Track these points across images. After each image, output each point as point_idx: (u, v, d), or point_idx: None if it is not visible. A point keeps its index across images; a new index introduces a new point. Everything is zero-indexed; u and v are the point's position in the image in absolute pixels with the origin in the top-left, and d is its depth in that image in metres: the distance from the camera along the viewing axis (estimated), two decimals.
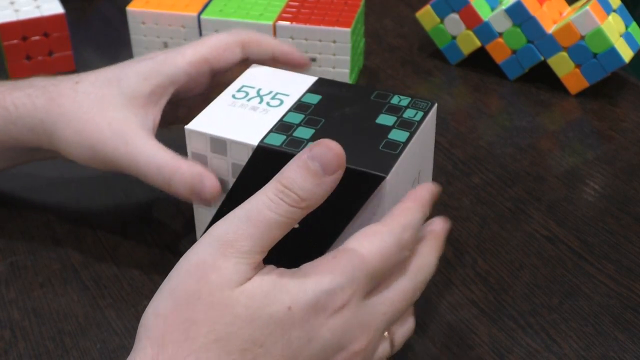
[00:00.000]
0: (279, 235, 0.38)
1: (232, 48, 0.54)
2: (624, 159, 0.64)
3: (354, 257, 0.38)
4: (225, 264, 0.37)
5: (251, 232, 0.37)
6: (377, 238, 0.39)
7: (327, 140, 0.39)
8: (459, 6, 0.74)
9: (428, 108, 0.51)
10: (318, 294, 0.37)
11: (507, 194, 0.60)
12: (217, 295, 0.36)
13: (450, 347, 0.48)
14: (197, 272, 0.37)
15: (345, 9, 0.70)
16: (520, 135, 0.67)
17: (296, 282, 0.37)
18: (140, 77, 0.52)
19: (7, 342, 0.48)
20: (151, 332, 0.37)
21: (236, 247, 0.37)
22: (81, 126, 0.51)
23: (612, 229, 0.57)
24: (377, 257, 0.39)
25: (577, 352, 0.47)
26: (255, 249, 0.38)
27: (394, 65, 0.78)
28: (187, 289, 0.37)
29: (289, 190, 0.38)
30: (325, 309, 0.37)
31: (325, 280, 0.37)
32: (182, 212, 0.58)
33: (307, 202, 0.38)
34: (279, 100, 0.52)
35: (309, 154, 0.39)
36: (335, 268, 0.38)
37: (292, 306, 0.37)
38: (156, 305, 0.38)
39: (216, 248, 0.37)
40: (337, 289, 0.38)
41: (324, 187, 0.39)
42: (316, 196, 0.39)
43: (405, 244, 0.40)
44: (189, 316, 0.36)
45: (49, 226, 0.57)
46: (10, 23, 0.71)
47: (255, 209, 0.38)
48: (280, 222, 0.38)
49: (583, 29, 0.69)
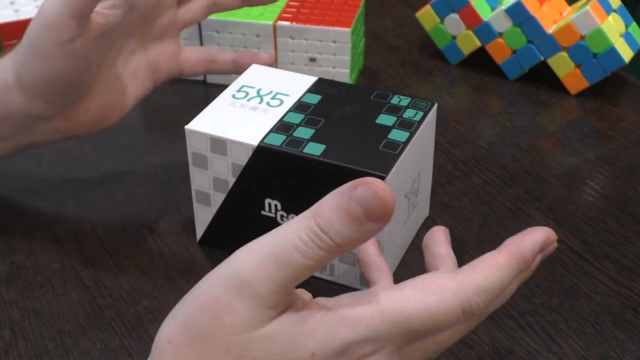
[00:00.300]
0: (303, 278, 0.33)
1: None
2: (624, 159, 0.64)
3: (399, 311, 0.34)
4: (240, 306, 0.33)
5: (273, 273, 0.32)
6: (437, 296, 0.34)
7: (376, 182, 0.32)
8: (459, 6, 0.74)
9: (428, 108, 0.51)
10: (346, 343, 0.33)
11: (507, 194, 0.60)
12: (232, 339, 0.33)
13: (450, 347, 0.48)
14: (211, 311, 0.33)
15: (345, 9, 0.70)
16: (521, 135, 0.67)
17: (327, 327, 0.33)
18: None
19: (7, 342, 0.48)
20: (164, 356, 0.34)
21: (254, 288, 0.33)
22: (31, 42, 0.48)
23: (612, 229, 0.57)
24: (426, 318, 0.34)
25: (577, 352, 0.47)
26: (276, 291, 0.33)
27: (394, 65, 0.78)
28: (200, 325, 0.33)
29: (324, 235, 0.32)
30: (349, 355, 0.34)
31: (360, 330, 0.33)
32: (182, 212, 0.58)
33: (341, 249, 0.32)
34: (279, 100, 0.52)
35: (353, 195, 0.32)
36: (374, 318, 0.33)
37: (316, 353, 0.33)
38: (170, 330, 0.34)
39: (232, 285, 0.33)
40: (368, 339, 0.34)
41: (363, 234, 0.32)
42: (352, 243, 0.32)
43: (471, 311, 0.34)
44: (202, 352, 0.33)
45: (49, 226, 0.57)
46: (10, 23, 0.71)
47: (283, 248, 0.32)
48: (309, 266, 0.32)
49: (583, 29, 0.69)
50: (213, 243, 0.54)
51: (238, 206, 0.51)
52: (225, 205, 0.51)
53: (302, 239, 0.32)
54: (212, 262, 0.53)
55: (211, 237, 0.54)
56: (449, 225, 0.57)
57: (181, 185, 0.60)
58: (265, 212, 0.50)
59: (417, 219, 0.55)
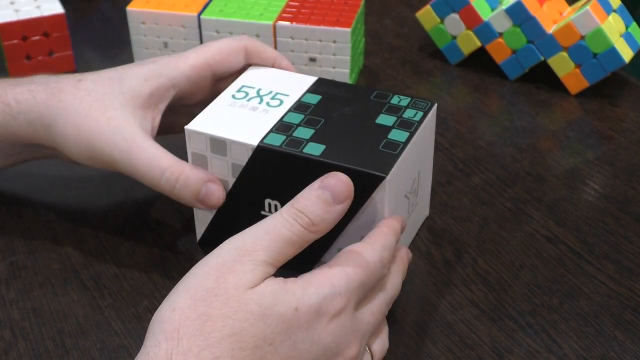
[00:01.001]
0: (291, 253, 0.41)
1: (235, 54, 0.55)
2: (624, 159, 0.64)
3: (347, 268, 0.42)
4: (242, 268, 0.39)
5: (268, 244, 0.40)
6: (364, 255, 0.43)
7: (338, 173, 0.44)
8: (459, 6, 0.74)
9: (428, 108, 0.51)
10: (321, 299, 0.40)
11: (507, 194, 0.60)
12: (232, 292, 0.38)
13: (450, 347, 0.48)
14: (216, 273, 0.39)
15: (345, 9, 0.70)
16: (520, 135, 0.67)
17: (300, 287, 0.40)
18: (141, 78, 0.52)
19: (7, 342, 0.48)
20: (166, 326, 0.38)
21: (253, 256, 0.40)
22: (80, 121, 0.51)
23: (612, 229, 0.57)
24: (366, 271, 0.42)
25: (577, 352, 0.47)
26: (269, 261, 0.40)
27: (394, 65, 0.78)
28: (205, 286, 0.39)
29: (302, 214, 0.42)
30: (326, 313, 0.40)
31: (326, 287, 0.40)
32: (182, 212, 0.58)
33: (317, 227, 0.42)
34: (279, 101, 0.52)
35: (320, 184, 0.43)
36: (333, 277, 0.41)
37: (299, 307, 0.39)
38: (172, 301, 0.39)
39: (235, 254, 0.40)
40: (335, 295, 0.40)
41: (333, 214, 0.43)
42: (325, 222, 0.42)
43: (385, 262, 0.44)
44: (204, 311, 0.38)
45: (49, 226, 0.57)
46: (10, 23, 0.71)
47: (272, 225, 0.41)
48: (294, 240, 0.41)
49: (583, 29, 0.69)
50: (213, 243, 0.54)
51: (238, 206, 0.51)
52: (225, 206, 0.51)
53: (286, 219, 0.41)
54: None
55: (211, 237, 0.54)
56: (449, 225, 0.57)
57: None
58: (265, 212, 0.50)
59: (417, 219, 0.55)
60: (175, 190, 0.50)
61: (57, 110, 0.51)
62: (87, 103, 0.51)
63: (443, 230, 0.56)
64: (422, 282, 0.52)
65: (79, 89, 0.52)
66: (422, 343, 0.48)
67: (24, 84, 0.53)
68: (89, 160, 0.52)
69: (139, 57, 0.73)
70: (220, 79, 0.55)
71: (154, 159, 0.50)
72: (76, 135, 0.51)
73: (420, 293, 0.51)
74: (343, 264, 0.42)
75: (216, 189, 0.50)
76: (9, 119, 0.52)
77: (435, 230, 0.57)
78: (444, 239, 0.56)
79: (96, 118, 0.50)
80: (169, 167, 0.49)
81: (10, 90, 0.52)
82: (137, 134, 0.50)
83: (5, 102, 0.52)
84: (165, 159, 0.50)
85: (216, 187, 0.50)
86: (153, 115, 0.53)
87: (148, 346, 0.37)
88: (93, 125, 0.50)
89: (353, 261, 0.42)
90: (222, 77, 0.55)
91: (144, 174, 0.50)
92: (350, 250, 0.43)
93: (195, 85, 0.54)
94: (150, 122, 0.52)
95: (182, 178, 0.49)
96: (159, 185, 0.50)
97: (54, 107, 0.51)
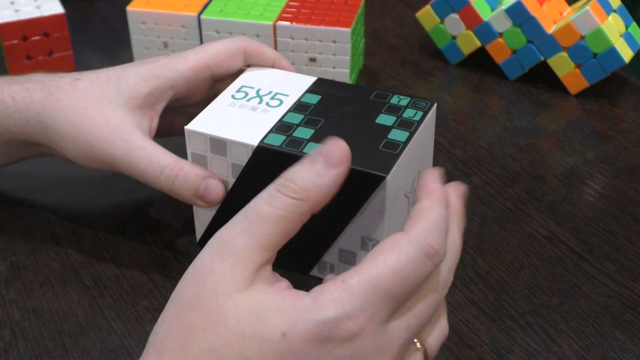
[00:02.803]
0: (279, 231, 0.36)
1: (234, 56, 0.54)
2: (624, 159, 0.64)
3: (365, 280, 0.35)
4: (220, 267, 0.35)
5: (246, 227, 0.36)
6: (395, 253, 0.35)
7: (333, 137, 0.38)
8: (459, 6, 0.74)
9: (428, 108, 0.51)
10: (320, 325, 0.34)
11: (507, 194, 0.60)
12: (211, 301, 0.35)
13: (450, 347, 0.48)
14: (196, 277, 0.36)
15: (345, 9, 0.70)
16: (520, 135, 0.67)
17: (295, 309, 0.34)
18: (140, 78, 0.52)
19: (7, 342, 0.48)
20: (155, 339, 0.36)
21: (231, 246, 0.35)
22: (78, 121, 0.51)
23: (612, 229, 0.57)
24: (393, 276, 0.35)
25: (577, 352, 0.47)
26: (252, 247, 0.35)
27: (394, 65, 0.78)
28: (187, 294, 0.36)
29: (288, 182, 0.36)
30: (330, 339, 0.34)
31: (330, 310, 0.34)
32: (182, 212, 0.58)
33: (307, 193, 0.36)
34: (279, 101, 0.52)
35: (314, 151, 0.38)
36: (342, 295, 0.34)
37: (288, 333, 0.34)
38: (163, 312, 0.37)
39: (214, 249, 0.36)
40: (342, 317, 0.34)
41: (326, 179, 0.36)
42: (318, 187, 0.36)
43: (433, 250, 0.35)
44: (186, 322, 0.35)
45: (49, 226, 0.57)
46: (10, 23, 0.71)
47: (252, 205, 0.36)
48: (278, 215, 0.36)
49: (583, 29, 0.69)
50: None
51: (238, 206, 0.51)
52: (225, 206, 0.51)
53: (269, 193, 0.36)
54: None
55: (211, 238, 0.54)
56: None
57: None
58: None
59: None
60: (174, 187, 0.49)
61: (54, 109, 0.51)
62: (85, 102, 0.51)
63: None
64: None
65: (76, 88, 0.52)
66: None
67: (20, 82, 0.53)
68: (86, 160, 0.52)
69: (139, 57, 0.73)
70: (218, 80, 0.55)
71: (153, 157, 0.50)
72: (74, 134, 0.51)
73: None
74: (362, 272, 0.35)
75: (215, 184, 0.49)
76: (5, 116, 0.52)
77: None
78: None
79: (94, 118, 0.50)
80: (167, 164, 0.49)
81: (6, 88, 0.52)
82: (135, 134, 0.50)
83: (2, 100, 0.52)
84: (164, 157, 0.50)
85: (215, 182, 0.49)
86: (151, 115, 0.52)
87: (143, 354, 0.36)
88: (91, 125, 0.50)
89: (378, 265, 0.35)
90: (221, 78, 0.55)
91: (143, 172, 0.50)
92: (381, 247, 0.36)
93: (194, 87, 0.54)
94: (148, 122, 0.52)
95: (181, 174, 0.49)
96: (158, 183, 0.50)
97: (51, 106, 0.51)
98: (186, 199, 0.50)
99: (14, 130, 0.52)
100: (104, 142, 0.50)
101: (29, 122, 0.52)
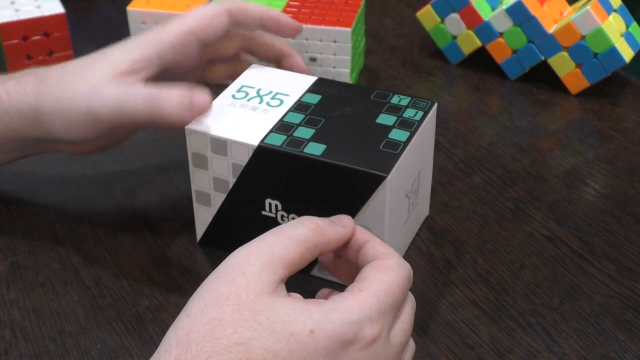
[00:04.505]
0: (298, 252, 0.40)
1: (218, 17, 0.54)
2: (625, 159, 0.64)
3: (379, 290, 0.39)
4: (250, 269, 0.38)
5: (272, 241, 0.40)
6: (391, 272, 0.41)
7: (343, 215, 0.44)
8: (460, 6, 0.74)
9: (428, 108, 0.51)
10: (345, 326, 0.37)
11: (508, 194, 0.60)
12: (243, 298, 0.37)
13: (451, 347, 0.48)
14: (227, 276, 0.38)
15: (345, 8, 0.70)
16: (521, 135, 0.67)
17: (322, 310, 0.38)
18: (125, 49, 0.52)
19: (7, 342, 0.48)
20: (179, 331, 0.37)
21: (259, 254, 0.39)
22: (62, 94, 0.51)
23: (613, 229, 0.57)
24: (397, 289, 0.40)
25: (578, 352, 0.47)
26: (276, 258, 0.39)
27: (394, 65, 0.78)
28: (216, 290, 0.38)
29: (308, 218, 0.42)
30: (354, 342, 0.38)
31: (354, 312, 0.38)
32: (182, 212, 0.58)
33: (322, 229, 0.41)
34: (279, 100, 0.52)
35: None
36: (363, 301, 0.38)
37: (315, 331, 0.37)
38: (188, 307, 0.38)
39: (242, 256, 0.39)
40: (365, 320, 0.38)
41: (338, 228, 0.43)
42: (331, 229, 0.42)
43: (411, 275, 0.42)
44: (215, 315, 0.37)
45: (49, 226, 0.57)
46: (10, 23, 0.71)
47: (278, 227, 0.41)
48: (299, 239, 0.40)
49: (584, 28, 0.69)
50: (213, 243, 0.54)
51: (238, 206, 0.51)
52: (225, 206, 0.51)
53: (292, 222, 0.41)
54: (212, 262, 0.53)
55: (211, 238, 0.54)
56: (449, 225, 0.57)
57: (181, 185, 0.60)
58: (266, 212, 0.50)
59: (417, 219, 0.55)
60: (160, 108, 0.49)
61: (44, 93, 0.52)
62: (71, 79, 0.51)
63: (443, 230, 0.56)
64: (422, 282, 0.52)
65: (65, 71, 0.52)
66: (422, 343, 0.48)
67: (15, 77, 0.53)
68: (78, 132, 0.51)
69: None
70: (206, 44, 0.55)
71: (138, 90, 0.50)
72: (60, 107, 0.51)
73: (421, 293, 0.51)
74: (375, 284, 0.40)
75: (200, 91, 0.49)
76: (2, 113, 0.52)
77: (435, 230, 0.57)
78: (444, 239, 0.56)
79: (75, 87, 0.51)
80: (150, 92, 0.49)
81: (1, 85, 0.53)
82: (112, 84, 0.50)
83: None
84: (149, 87, 0.50)
85: (200, 90, 0.49)
86: (134, 81, 0.52)
87: (160, 351, 0.37)
88: (72, 93, 0.51)
89: (383, 280, 0.40)
90: (208, 42, 0.54)
91: (132, 108, 0.50)
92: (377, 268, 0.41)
93: (181, 54, 0.53)
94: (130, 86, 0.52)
95: (163, 93, 0.49)
96: (144, 111, 0.49)
97: (41, 92, 0.52)
98: (174, 116, 0.49)
99: (12, 126, 0.53)
100: (83, 98, 0.50)
101: (23, 113, 0.52)
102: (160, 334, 0.48)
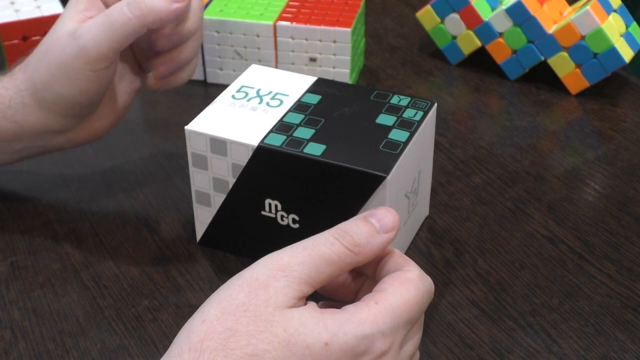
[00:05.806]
0: (328, 272, 0.39)
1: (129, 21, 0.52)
2: (625, 159, 0.64)
3: (395, 305, 0.39)
4: (275, 284, 0.38)
5: (304, 260, 0.38)
6: (412, 286, 0.40)
7: (387, 207, 0.41)
8: (460, 6, 0.74)
9: (428, 108, 0.51)
10: (358, 339, 0.37)
11: (508, 194, 0.60)
12: (261, 310, 0.37)
13: (451, 347, 0.48)
14: (248, 287, 0.38)
15: (345, 9, 0.70)
16: (521, 135, 0.67)
17: (337, 322, 0.37)
18: None
19: (7, 342, 0.48)
20: (193, 336, 0.37)
21: (288, 271, 0.38)
22: (49, 57, 0.51)
23: (613, 229, 0.57)
24: (415, 306, 0.39)
25: (578, 352, 0.47)
26: (304, 278, 0.38)
27: (394, 65, 0.78)
28: (236, 300, 0.37)
29: (346, 234, 0.39)
30: (365, 354, 0.37)
31: (367, 325, 0.38)
32: (182, 212, 0.58)
33: (360, 249, 0.39)
34: (279, 101, 0.52)
35: (367, 213, 0.41)
36: (377, 315, 0.38)
37: (330, 343, 0.37)
38: (205, 311, 0.38)
39: (270, 269, 0.38)
40: (378, 335, 0.38)
41: (377, 241, 0.40)
42: (370, 246, 0.40)
43: (432, 289, 0.41)
44: (231, 325, 0.37)
45: (49, 226, 0.57)
46: (10, 23, 0.71)
47: (312, 242, 0.39)
48: (333, 259, 0.39)
49: (583, 29, 0.69)
50: (213, 243, 0.54)
51: (238, 206, 0.51)
52: (225, 206, 0.51)
53: (327, 238, 0.39)
54: (212, 262, 0.53)
55: (211, 238, 0.54)
56: (449, 225, 0.57)
57: (181, 185, 0.60)
58: (266, 212, 0.50)
59: (417, 219, 0.55)
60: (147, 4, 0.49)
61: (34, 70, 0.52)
62: (49, 43, 0.52)
63: (443, 230, 0.56)
64: None
65: (40, 46, 0.53)
66: (422, 343, 0.48)
67: (7, 74, 0.54)
68: (83, 80, 0.51)
69: None
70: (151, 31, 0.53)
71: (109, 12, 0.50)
72: (53, 68, 0.51)
73: None
74: (392, 298, 0.39)
75: None
76: (5, 108, 0.53)
77: (435, 230, 0.57)
78: (444, 239, 0.56)
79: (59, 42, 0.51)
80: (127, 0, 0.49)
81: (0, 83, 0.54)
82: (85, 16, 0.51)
83: None
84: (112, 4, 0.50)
85: None
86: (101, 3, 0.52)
87: (171, 355, 0.37)
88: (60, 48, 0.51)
89: (402, 295, 0.39)
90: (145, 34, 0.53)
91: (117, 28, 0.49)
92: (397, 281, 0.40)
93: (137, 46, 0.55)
94: None
95: None
96: (131, 18, 0.49)
97: (31, 71, 0.53)
98: (163, 9, 0.49)
99: (18, 119, 0.53)
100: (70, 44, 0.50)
101: (24, 102, 0.53)
102: (160, 334, 0.48)
